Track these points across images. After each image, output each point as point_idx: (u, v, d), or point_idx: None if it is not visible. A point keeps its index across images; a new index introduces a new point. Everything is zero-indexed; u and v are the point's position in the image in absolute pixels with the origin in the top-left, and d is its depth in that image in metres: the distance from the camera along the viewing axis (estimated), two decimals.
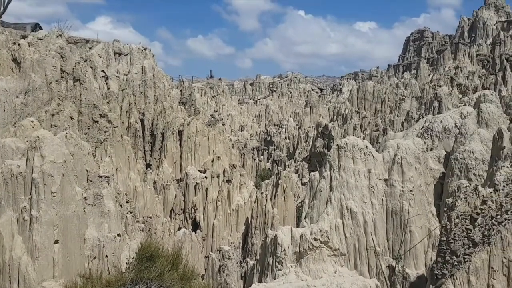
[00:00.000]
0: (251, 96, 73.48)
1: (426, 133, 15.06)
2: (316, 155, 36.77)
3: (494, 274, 7.59)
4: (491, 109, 12.93)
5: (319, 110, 53.71)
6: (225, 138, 29.61)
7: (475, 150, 11.85)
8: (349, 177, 12.18)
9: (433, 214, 12.24)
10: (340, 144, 12.53)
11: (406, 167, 12.33)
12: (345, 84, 68.97)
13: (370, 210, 12.04)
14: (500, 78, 43.19)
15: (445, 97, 37.79)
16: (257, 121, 62.11)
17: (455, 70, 51.52)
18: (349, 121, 44.80)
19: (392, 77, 65.76)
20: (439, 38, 73.02)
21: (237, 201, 24.67)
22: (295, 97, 70.85)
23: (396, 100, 49.45)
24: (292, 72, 79.77)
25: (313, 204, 12.32)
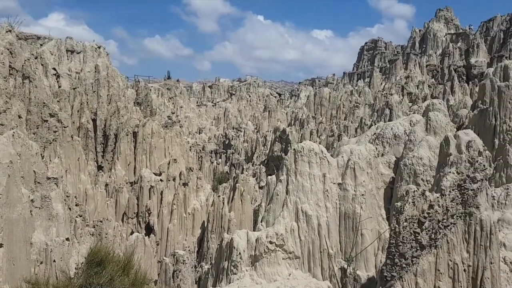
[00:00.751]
0: (210, 98, 73.09)
1: (377, 139, 15.56)
2: (273, 159, 37.08)
3: (441, 276, 7.93)
4: (439, 117, 13.56)
5: (277, 115, 54.30)
6: (182, 141, 29.21)
7: (423, 156, 12.38)
8: (305, 181, 12.36)
9: (383, 217, 12.65)
10: (296, 149, 12.70)
11: (359, 171, 12.68)
12: (302, 90, 70.16)
13: (324, 214, 12.27)
14: (448, 87, 45.51)
15: (396, 105, 39.30)
16: (216, 124, 61.84)
17: (406, 79, 53.76)
18: (306, 126, 45.57)
19: (347, 85, 67.65)
20: (391, 48, 75.93)
21: (194, 205, 24.39)
22: (254, 101, 71.21)
23: (350, 107, 50.90)
24: (251, 76, 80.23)
25: (270, 208, 12.40)
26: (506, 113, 12.20)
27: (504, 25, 59.22)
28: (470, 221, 8.14)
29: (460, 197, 8.26)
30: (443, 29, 65.91)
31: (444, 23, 67.14)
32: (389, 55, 71.61)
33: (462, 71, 52.06)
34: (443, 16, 67.68)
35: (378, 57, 74.66)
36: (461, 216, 8.16)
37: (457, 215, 8.15)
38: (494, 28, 60.04)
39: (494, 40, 56.77)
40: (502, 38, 56.40)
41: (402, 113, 36.44)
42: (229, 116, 61.83)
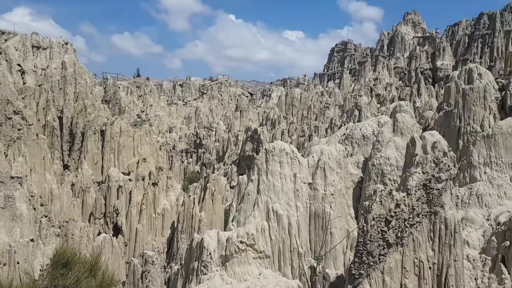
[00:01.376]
0: (181, 97, 72.36)
1: (347, 139, 15.83)
2: (245, 159, 37.08)
3: (407, 273, 8.13)
4: (405, 119, 13.91)
5: (249, 114, 54.35)
6: (151, 140, 28.78)
7: (390, 156, 12.68)
8: (276, 181, 12.43)
9: (352, 216, 12.88)
10: (268, 149, 12.75)
11: (329, 171, 12.86)
12: (274, 90, 70.47)
13: (295, 213, 12.37)
14: (415, 90, 46.75)
15: (365, 106, 40.06)
16: (187, 123, 61.27)
17: (375, 81, 54.90)
18: (278, 126, 45.80)
19: (317, 86, 68.42)
20: (361, 50, 77.34)
21: (163, 205, 24.06)
22: (225, 101, 70.98)
23: (321, 108, 51.51)
24: (223, 75, 79.91)
25: (241, 207, 12.39)
26: (470, 115, 12.64)
27: (469, 29, 61.39)
28: (435, 219, 8.39)
29: (425, 196, 8.50)
30: (410, 33, 67.70)
31: (411, 26, 68.96)
32: (359, 57, 72.90)
33: (428, 74, 53.63)
34: (410, 19, 69.51)
35: (348, 59, 75.89)
36: (426, 215, 8.40)
37: (422, 214, 8.38)
38: (459, 32, 62.13)
39: (459, 44, 58.76)
40: (467, 42, 58.43)
41: (370, 114, 37.20)
42: (200, 115, 61.41)
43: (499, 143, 11.50)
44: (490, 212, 11.02)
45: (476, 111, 12.42)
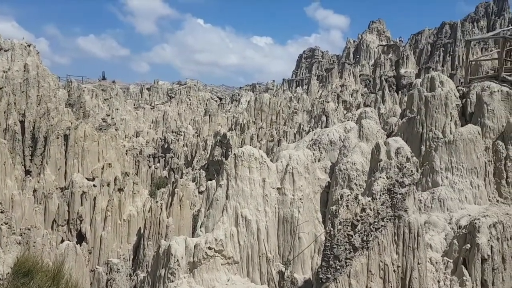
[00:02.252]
0: (148, 101, 71.32)
1: (314, 145, 16.04)
2: (214, 164, 36.89)
3: (372, 277, 8.30)
4: (370, 124, 14.25)
5: (218, 119, 54.17)
6: (117, 144, 28.19)
7: (356, 162, 12.94)
8: (245, 186, 12.42)
9: (319, 221, 13.04)
10: (237, 154, 12.74)
11: (297, 176, 12.98)
12: (243, 95, 70.66)
13: (264, 218, 12.40)
14: (380, 96, 48.00)
15: (332, 112, 40.76)
16: (154, 127, 60.41)
17: (341, 88, 56.01)
18: (247, 131, 45.86)
19: (286, 91, 69.11)
20: (328, 57, 78.79)
21: (129, 211, 23.57)
22: (194, 105, 70.50)
23: (289, 113, 52.03)
24: (191, 79, 79.43)
25: (209, 213, 12.31)
26: (432, 122, 13.06)
27: (431, 38, 63.73)
28: (399, 223, 8.61)
29: (389, 200, 8.72)
30: (375, 41, 69.58)
31: (376, 35, 70.91)
32: (326, 64, 74.22)
33: (392, 81, 55.21)
34: (375, 28, 71.48)
35: (316, 66, 77.13)
36: (390, 219, 8.61)
37: (387, 218, 8.59)
38: (422, 41, 64.40)
39: (422, 52, 60.88)
40: (429, 50, 60.62)
41: (337, 120, 37.88)
42: (168, 119, 60.70)
43: (460, 149, 11.94)
44: (451, 215, 11.40)
45: (438, 118, 12.87)
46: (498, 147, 12.12)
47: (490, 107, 12.54)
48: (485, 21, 60.65)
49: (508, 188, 11.92)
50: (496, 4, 62.02)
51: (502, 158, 12.01)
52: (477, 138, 11.98)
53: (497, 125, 12.45)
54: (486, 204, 11.79)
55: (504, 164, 11.98)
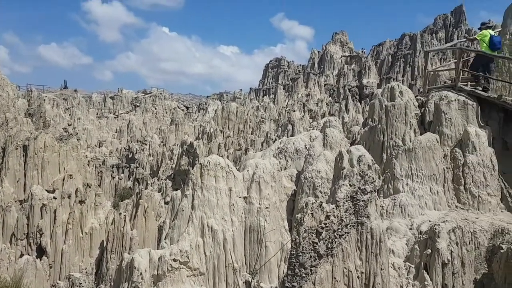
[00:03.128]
0: (112, 110, 69.82)
1: (281, 153, 16.15)
2: (180, 173, 36.45)
3: (337, 284, 8.39)
4: (334, 133, 14.51)
5: (185, 128, 53.69)
6: (79, 155, 27.36)
7: (321, 169, 13.12)
8: (211, 196, 12.32)
9: (285, 229, 13.09)
10: (203, 163, 12.64)
11: (263, 185, 13.01)
12: (210, 104, 70.46)
13: (230, 228, 12.32)
14: (344, 106, 49.05)
15: (298, 121, 41.27)
16: (118, 136, 59.13)
17: (307, 97, 56.89)
18: (214, 140, 45.66)
19: (253, 100, 69.48)
20: (294, 67, 79.94)
21: (91, 224, 22.86)
22: (160, 114, 69.60)
23: (257, 122, 52.29)
24: (157, 88, 78.50)
25: (174, 224, 12.11)
26: (393, 130, 13.42)
27: (392, 49, 65.90)
28: (362, 230, 8.77)
29: (353, 207, 8.88)
30: (339, 51, 71.28)
31: (340, 46, 72.68)
32: (292, 74, 75.25)
33: (355, 91, 56.61)
34: (339, 39, 73.26)
35: (282, 75, 78.07)
36: (354, 226, 8.76)
37: (350, 224, 8.73)
38: (383, 52, 66.49)
39: (384, 63, 62.82)
40: (390, 61, 62.64)
41: (303, 129, 38.38)
42: (133, 128, 59.60)
43: (419, 156, 12.32)
44: (412, 221, 11.70)
45: (398, 127, 13.26)
46: (456, 154, 12.60)
47: (448, 115, 13.04)
48: (443, 32, 63.37)
49: (466, 194, 12.38)
50: (454, 16, 64.96)
51: (460, 165, 12.49)
52: (436, 145, 12.42)
53: (454, 133, 12.95)
54: (445, 210, 12.20)
55: (462, 170, 12.45)
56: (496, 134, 13.36)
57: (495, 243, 10.76)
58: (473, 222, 11.05)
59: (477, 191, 12.17)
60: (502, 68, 14.61)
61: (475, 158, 12.30)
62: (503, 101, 13.07)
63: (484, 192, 12.18)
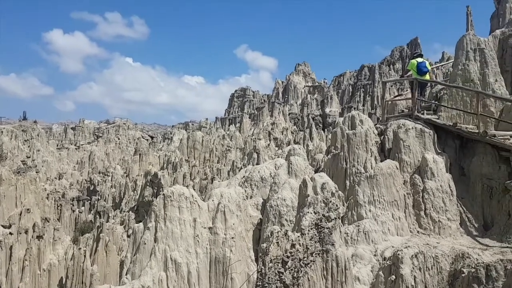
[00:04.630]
0: (73, 141, 67.91)
1: (246, 182, 16.12)
2: (144, 205, 35.56)
3: None
4: (298, 161, 14.66)
5: (149, 158, 52.76)
6: (37, 188, 26.28)
7: (286, 198, 13.15)
8: (174, 227, 12.04)
9: (252, 259, 12.91)
10: (166, 194, 12.39)
11: (229, 214, 12.86)
12: (176, 133, 69.91)
13: (195, 260, 12.03)
14: (308, 134, 49.89)
15: (263, 149, 41.52)
16: (79, 168, 57.34)
17: (272, 126, 57.54)
18: (179, 170, 45.06)
19: (219, 129, 69.58)
20: (259, 97, 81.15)
21: (50, 260, 21.77)
22: (123, 144, 68.27)
23: (223, 151, 52.18)
24: (120, 118, 77.30)
25: (136, 258, 11.70)
26: (355, 158, 13.71)
27: (352, 80, 68.27)
28: (327, 258, 8.77)
29: (317, 235, 8.89)
30: (302, 82, 73.17)
31: (302, 76, 74.67)
32: (257, 103, 76.26)
33: (319, 120, 57.88)
34: (301, 70, 75.34)
35: (247, 104, 78.94)
36: (319, 254, 8.75)
37: (315, 252, 8.72)
38: (344, 82, 68.74)
39: (345, 93, 64.85)
40: (351, 91, 64.75)
41: (268, 157, 38.60)
42: (95, 159, 58.04)
43: (380, 182, 12.60)
44: (376, 248, 11.82)
45: (360, 154, 13.56)
46: (415, 180, 12.97)
47: (406, 143, 13.49)
48: (400, 63, 66.38)
49: (427, 219, 12.69)
50: (410, 48, 68.28)
51: (419, 191, 12.84)
52: (396, 172, 12.77)
53: (413, 160, 13.38)
54: (407, 235, 12.44)
55: (421, 196, 12.80)
56: (453, 161, 13.90)
57: (456, 268, 11.00)
58: (435, 247, 11.29)
59: (437, 216, 12.51)
60: (456, 97, 15.38)
61: (433, 184, 12.71)
62: (458, 128, 13.69)
63: (444, 217, 12.54)
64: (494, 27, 25.65)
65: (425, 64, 15.92)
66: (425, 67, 15.79)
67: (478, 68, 15.52)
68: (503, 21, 25.53)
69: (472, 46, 15.73)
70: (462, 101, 15.11)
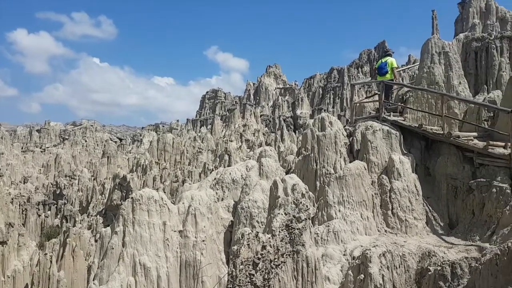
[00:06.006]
0: (38, 143, 65.80)
1: (217, 184, 16.03)
2: (112, 209, 34.81)
3: None
4: (270, 162, 14.71)
5: (118, 161, 51.75)
6: (1, 192, 25.32)
7: (257, 199, 13.16)
8: (143, 231, 11.82)
9: (223, 262, 12.84)
10: (134, 197, 12.16)
11: (199, 217, 12.75)
12: (146, 135, 68.87)
13: (165, 264, 11.85)
14: (279, 135, 50.20)
15: (234, 151, 41.47)
16: (45, 171, 55.59)
17: (244, 127, 57.57)
18: (149, 172, 44.37)
19: (190, 131, 69.04)
20: (230, 98, 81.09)
21: (14, 266, 20.99)
22: (91, 146, 66.68)
23: (194, 153, 51.76)
24: (88, 120, 75.51)
25: (104, 263, 11.41)
26: (324, 159, 13.87)
27: (322, 82, 69.19)
28: (298, 258, 8.82)
29: (288, 236, 8.93)
30: (273, 84, 73.62)
31: (273, 78, 75.16)
32: (229, 105, 76.15)
33: (290, 121, 58.36)
34: (272, 72, 75.81)
35: (219, 106, 78.72)
36: (290, 255, 8.78)
37: (286, 253, 8.75)
38: (314, 84, 69.59)
39: (315, 95, 65.67)
40: (321, 93, 65.61)
41: (240, 159, 38.57)
42: (61, 162, 56.41)
43: (349, 183, 12.78)
44: (346, 247, 11.98)
45: (329, 155, 13.72)
46: (382, 180, 13.23)
47: (374, 144, 13.75)
48: (368, 66, 67.81)
49: (394, 218, 12.97)
50: (377, 51, 69.86)
51: (387, 191, 13.11)
52: (364, 173, 12.99)
53: (380, 161, 13.65)
54: (375, 235, 12.67)
55: (389, 196, 13.07)
56: (419, 161, 14.27)
57: (423, 266, 11.28)
58: (402, 246, 11.54)
59: (404, 216, 12.80)
60: (421, 99, 15.80)
61: (400, 184, 13.00)
62: (423, 130, 14.07)
63: (411, 216, 12.84)
64: (458, 31, 26.62)
65: (384, 64, 16.42)
66: (383, 68, 16.31)
67: (443, 71, 16.01)
68: (466, 25, 26.53)
69: (437, 50, 16.22)
70: (427, 103, 15.55)
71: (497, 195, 11.69)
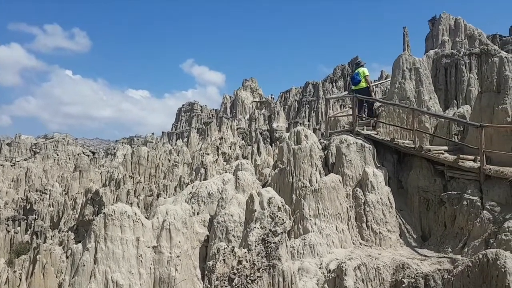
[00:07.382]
0: (8, 157, 63.80)
1: (193, 198, 15.86)
2: (84, 224, 33.90)
3: None
4: (246, 176, 14.68)
5: (90, 175, 50.59)
6: None
7: (233, 213, 13.08)
8: (116, 248, 11.54)
9: (198, 277, 12.64)
10: (107, 212, 11.88)
11: (174, 232, 12.55)
12: (119, 149, 67.77)
13: (138, 281, 11.58)
14: (256, 149, 50.23)
15: (210, 165, 41.23)
16: (15, 186, 53.84)
17: (220, 140, 57.42)
18: (123, 186, 43.55)
19: (166, 144, 68.33)
20: (207, 111, 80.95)
21: None
22: (62, 160, 65.08)
23: (169, 166, 51.16)
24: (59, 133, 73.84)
25: (75, 281, 11.06)
26: (300, 172, 13.95)
27: (297, 96, 69.99)
28: (274, 273, 8.77)
29: (264, 250, 8.89)
30: (249, 97, 73.96)
31: (250, 92, 75.54)
32: (205, 118, 75.97)
33: (266, 134, 58.58)
34: (249, 85, 76.24)
35: (195, 119, 78.41)
36: (266, 269, 8.73)
37: (262, 268, 8.70)
38: (290, 98, 70.30)
39: (291, 108, 66.27)
40: (296, 107, 66.28)
41: (216, 172, 38.36)
42: (32, 177, 54.80)
43: (324, 196, 12.87)
44: (322, 260, 11.99)
45: (305, 168, 13.82)
46: (357, 193, 13.39)
47: (348, 157, 13.93)
48: (342, 81, 69.05)
49: (368, 231, 13.10)
50: (351, 67, 71.25)
51: (361, 204, 13.26)
52: (339, 186, 13.12)
53: (355, 174, 13.83)
54: (351, 247, 12.75)
55: (363, 209, 13.22)
56: (392, 174, 14.53)
57: (397, 278, 11.40)
58: (376, 258, 11.65)
59: (378, 228, 12.95)
60: (393, 114, 16.16)
61: (374, 196, 13.18)
62: (395, 143, 14.36)
63: (385, 229, 13.01)
64: (428, 47, 27.47)
65: (356, 74, 17.19)
66: (355, 78, 17.01)
67: (414, 86, 16.46)
68: (436, 42, 27.41)
69: (408, 66, 16.68)
70: (399, 118, 15.91)
71: (468, 208, 11.99)
